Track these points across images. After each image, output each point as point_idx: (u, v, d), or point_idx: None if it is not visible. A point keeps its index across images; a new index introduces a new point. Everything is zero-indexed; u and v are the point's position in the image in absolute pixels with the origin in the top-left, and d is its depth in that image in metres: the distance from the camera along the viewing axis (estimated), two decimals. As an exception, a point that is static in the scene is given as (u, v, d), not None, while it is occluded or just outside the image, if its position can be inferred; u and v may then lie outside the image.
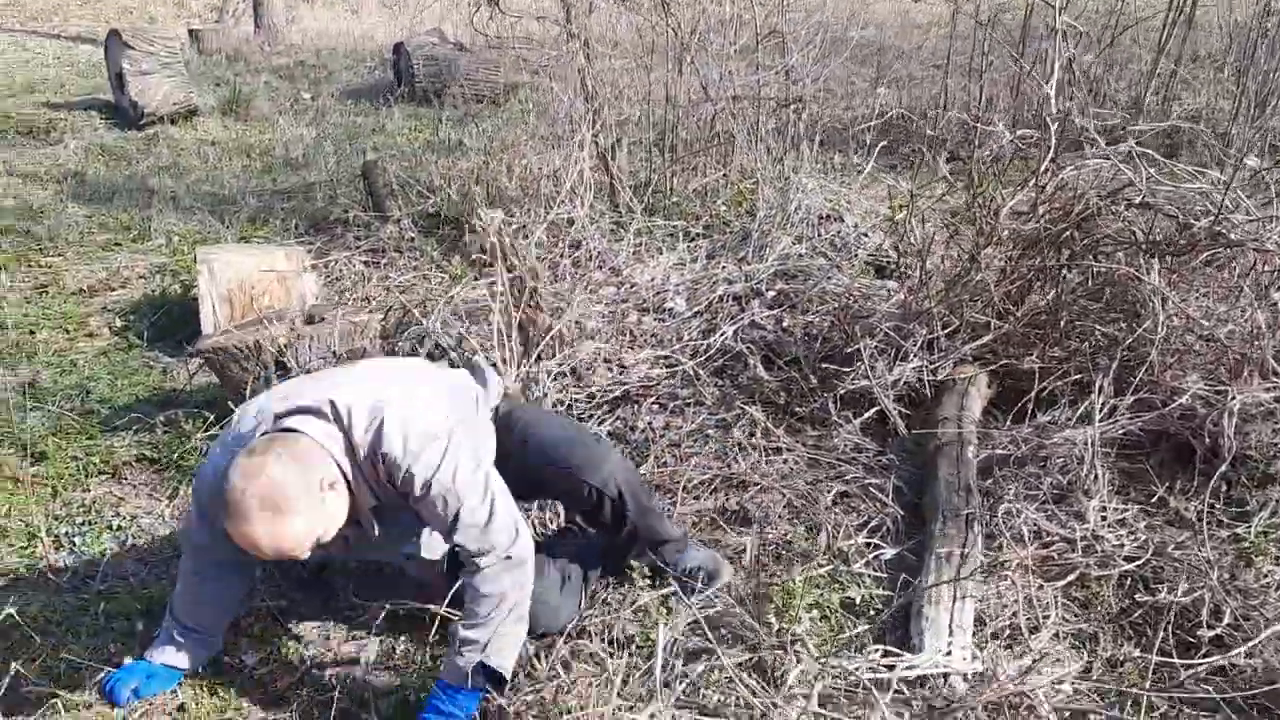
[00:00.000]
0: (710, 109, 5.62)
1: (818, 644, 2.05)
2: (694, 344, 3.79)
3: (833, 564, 2.66)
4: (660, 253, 4.61)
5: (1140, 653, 2.30)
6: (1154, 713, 2.13)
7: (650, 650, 2.08)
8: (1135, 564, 2.59)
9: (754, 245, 4.58)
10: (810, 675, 1.75)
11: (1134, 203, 3.31)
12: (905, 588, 2.53)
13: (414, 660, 2.44)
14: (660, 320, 4.03)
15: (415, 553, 2.34)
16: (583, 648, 2.22)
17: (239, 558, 2.15)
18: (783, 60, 5.65)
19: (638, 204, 5.03)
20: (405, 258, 4.90)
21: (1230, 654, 2.16)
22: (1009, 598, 2.51)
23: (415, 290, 4.34)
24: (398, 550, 2.36)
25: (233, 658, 2.49)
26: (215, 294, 4.11)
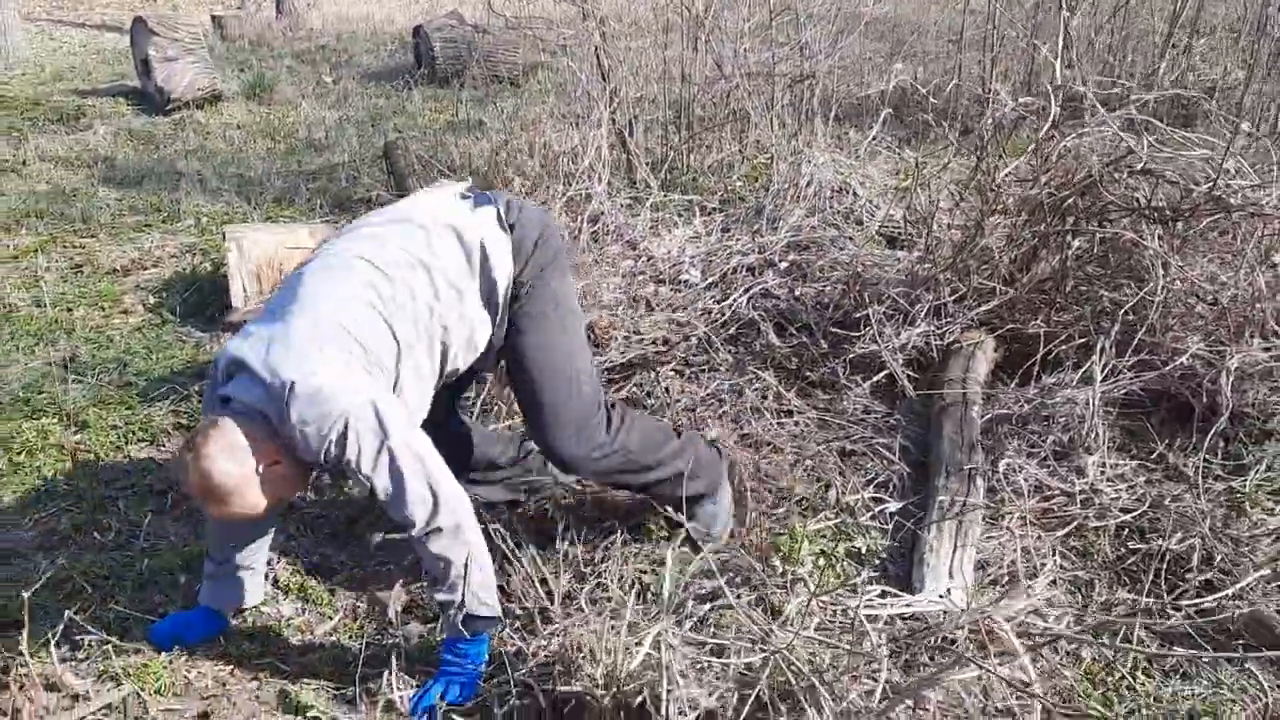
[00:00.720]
0: (725, 86, 5.71)
1: (819, 584, 2.17)
2: (709, 311, 3.90)
3: (839, 517, 2.78)
4: (676, 226, 4.72)
5: (1132, 596, 2.41)
6: (1144, 651, 2.24)
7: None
8: (1131, 515, 2.69)
9: (768, 218, 4.67)
10: (807, 605, 1.87)
11: (1135, 169, 3.38)
12: (909, 539, 2.65)
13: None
14: (676, 290, 4.13)
15: None
16: (599, 595, 2.34)
17: None
18: (796, 37, 5.73)
19: (654, 180, 5.13)
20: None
21: (1218, 595, 2.26)
22: (1009, 547, 2.61)
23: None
24: None
25: (271, 608, 2.63)
26: (244, 270, 4.26)
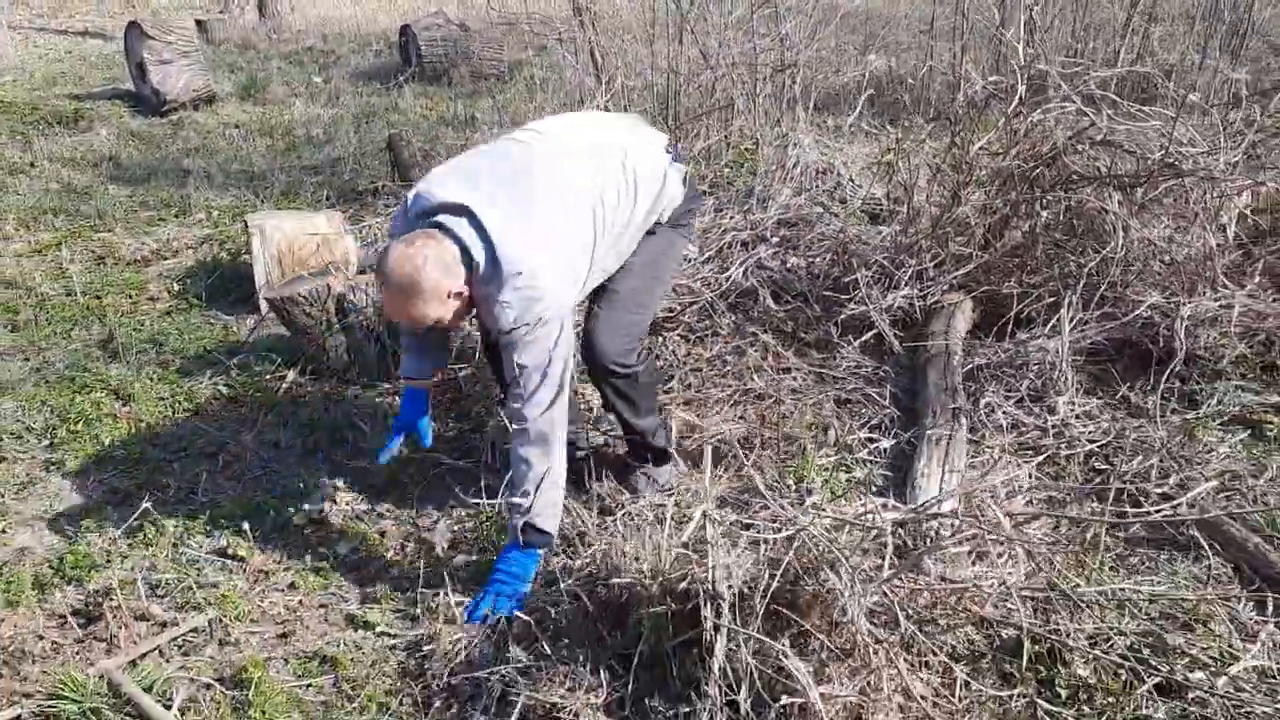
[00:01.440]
0: (710, 76, 6.01)
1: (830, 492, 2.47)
2: (709, 282, 4.20)
3: (839, 454, 3.09)
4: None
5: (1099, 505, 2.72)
6: (1109, 553, 2.56)
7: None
8: (1098, 445, 3.01)
9: (757, 198, 4.98)
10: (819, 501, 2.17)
11: (1095, 140, 3.71)
12: (903, 470, 2.96)
13: (480, 538, 2.86)
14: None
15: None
16: (633, 519, 2.63)
17: None
18: (776, 29, 6.04)
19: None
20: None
21: (1174, 504, 2.58)
22: (990, 473, 2.92)
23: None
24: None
25: (328, 549, 2.91)
26: (267, 255, 4.51)
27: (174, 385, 3.83)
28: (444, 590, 2.56)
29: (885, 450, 3.14)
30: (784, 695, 1.70)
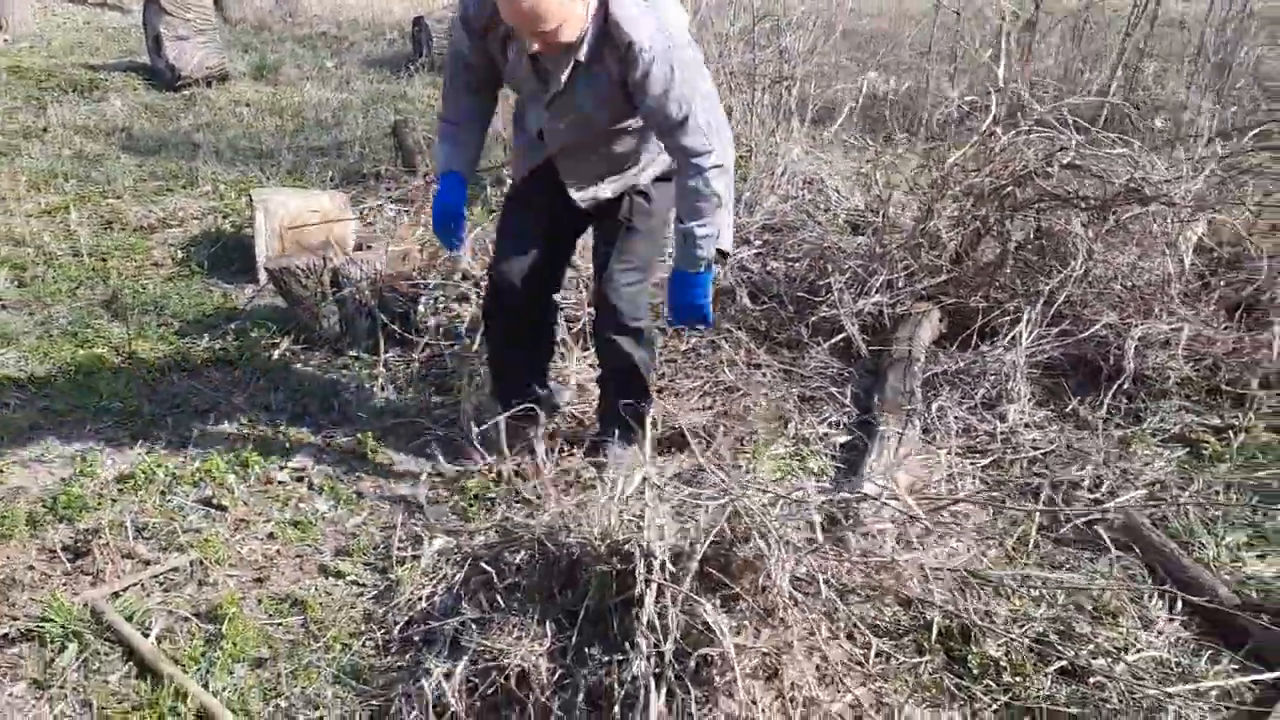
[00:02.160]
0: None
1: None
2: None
3: (796, 445, 3.26)
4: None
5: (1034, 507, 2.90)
6: (1038, 550, 2.73)
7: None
8: (1041, 452, 3.18)
9: (745, 203, 5.16)
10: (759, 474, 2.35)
11: (1064, 164, 3.89)
12: (854, 463, 3.13)
13: (459, 493, 3.05)
14: (661, 261, 4.60)
15: (593, 197, 2.91)
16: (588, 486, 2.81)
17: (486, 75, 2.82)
18: (777, 41, 6.23)
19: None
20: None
21: (1100, 508, 2.75)
22: (936, 471, 3.10)
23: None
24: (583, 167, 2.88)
25: (307, 505, 3.08)
26: (269, 229, 4.68)
27: (172, 345, 4.00)
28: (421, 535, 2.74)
29: (840, 444, 3.31)
30: (703, 645, 1.86)
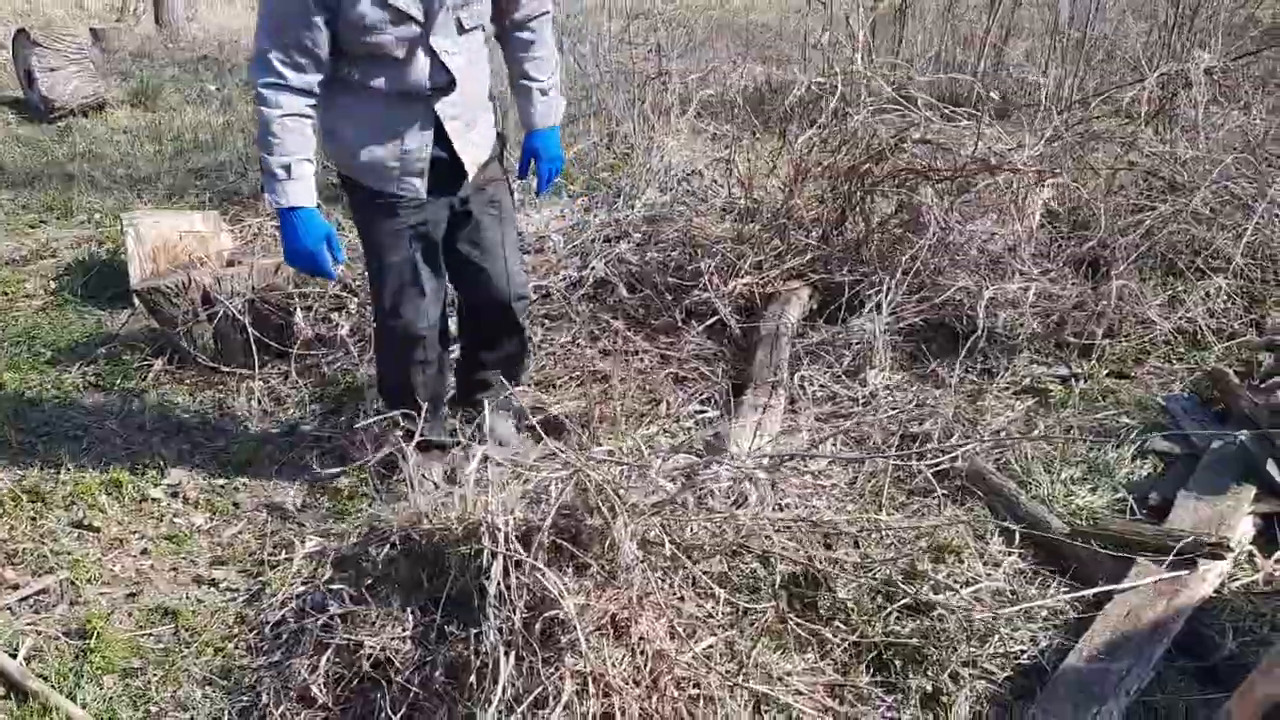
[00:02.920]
0: (587, 84, 6.29)
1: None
2: (570, 276, 4.45)
3: (666, 423, 3.35)
4: (539, 209, 5.26)
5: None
6: (893, 502, 2.86)
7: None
8: (899, 411, 3.32)
9: (625, 197, 5.26)
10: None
11: (916, 140, 4.06)
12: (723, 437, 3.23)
13: (332, 497, 3.08)
14: (543, 258, 4.67)
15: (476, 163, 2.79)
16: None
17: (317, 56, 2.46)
18: (653, 40, 6.35)
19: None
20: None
21: (947, 457, 2.89)
22: (800, 438, 3.21)
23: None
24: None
25: (182, 519, 3.08)
26: (141, 253, 4.63)
27: (43, 374, 3.95)
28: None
29: (711, 420, 3.41)
30: (550, 610, 1.94)
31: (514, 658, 1.95)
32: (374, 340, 3.19)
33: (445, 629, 2.19)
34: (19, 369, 3.98)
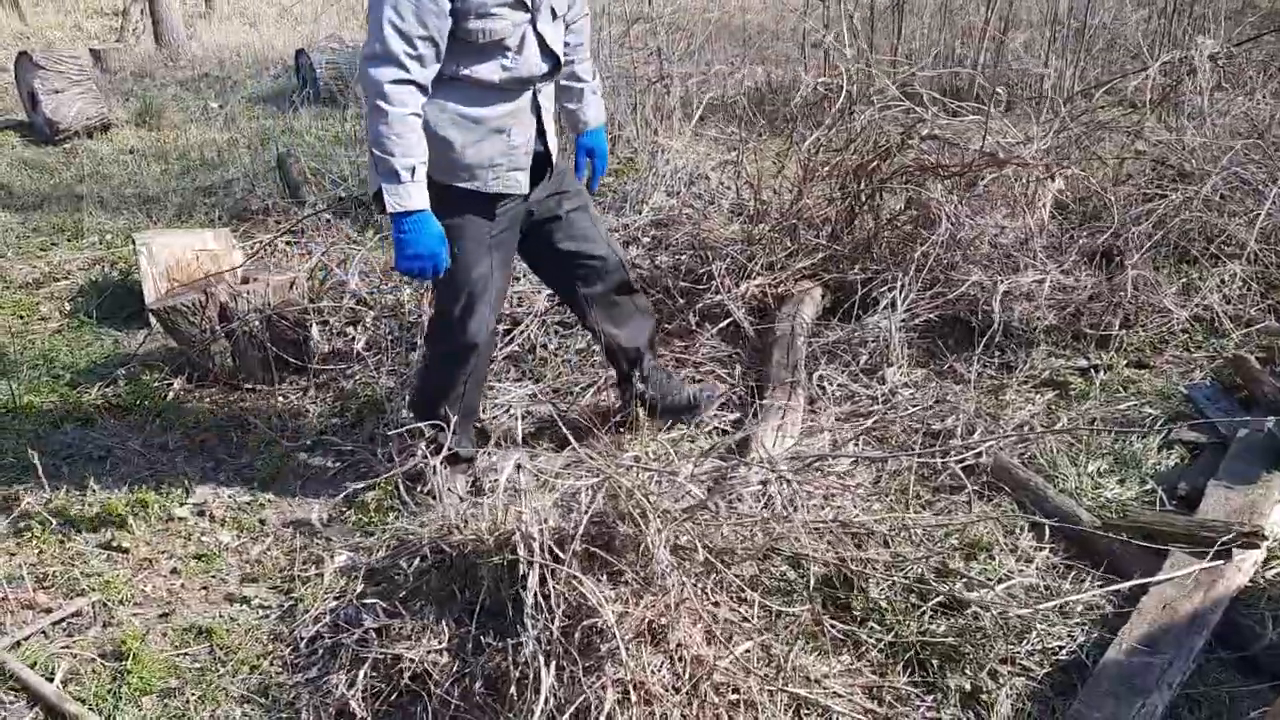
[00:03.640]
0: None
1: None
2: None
3: (690, 427, 3.36)
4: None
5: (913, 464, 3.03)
6: (919, 500, 2.86)
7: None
8: (920, 408, 3.33)
9: (632, 202, 5.27)
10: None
11: (924, 136, 4.06)
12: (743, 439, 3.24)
13: (359, 510, 3.09)
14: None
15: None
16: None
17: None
18: (654, 45, 6.36)
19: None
20: (322, 236, 5.46)
21: (972, 452, 2.89)
22: (822, 438, 3.22)
23: (332, 254, 4.91)
24: None
25: (210, 537, 3.09)
26: (155, 272, 4.65)
27: (63, 396, 3.96)
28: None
29: (731, 423, 3.41)
30: (588, 618, 1.94)
31: (554, 667, 1.95)
32: (429, 348, 3.08)
33: (482, 640, 2.19)
34: (39, 391, 3.99)
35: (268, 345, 3.85)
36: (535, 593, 2.00)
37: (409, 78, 2.43)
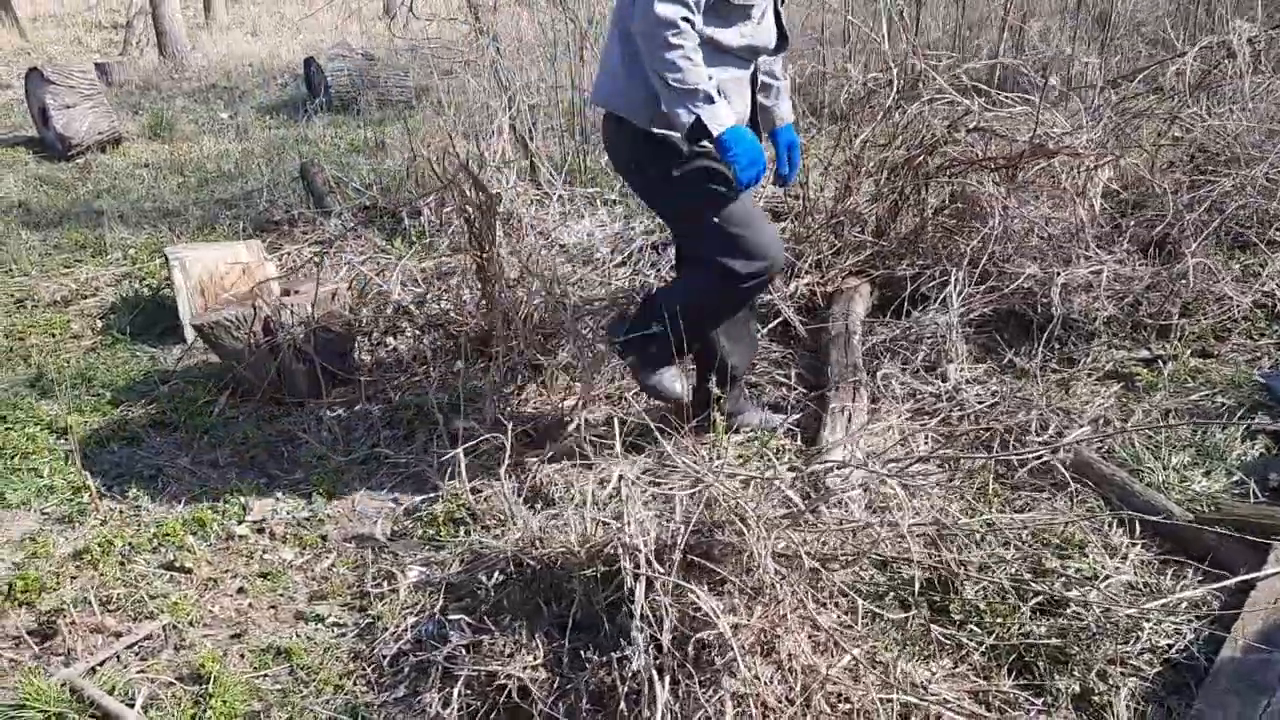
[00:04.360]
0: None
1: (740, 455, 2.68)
2: (621, 288, 4.40)
3: (752, 430, 3.30)
4: (583, 217, 5.22)
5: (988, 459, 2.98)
6: (998, 497, 2.81)
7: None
8: (986, 405, 3.28)
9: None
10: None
11: (970, 128, 4.01)
12: (810, 441, 3.19)
13: (426, 524, 3.05)
14: (588, 265, 4.63)
15: None
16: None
17: None
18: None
19: (558, 178, 5.62)
20: (351, 246, 5.41)
21: (1050, 448, 2.84)
22: (889, 437, 3.17)
23: (368, 265, 4.86)
24: None
25: (272, 555, 3.03)
26: (189, 286, 4.60)
27: (108, 416, 3.91)
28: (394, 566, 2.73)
29: (793, 424, 3.36)
30: (699, 630, 1.89)
31: (668, 681, 1.90)
32: (716, 281, 2.89)
33: (582, 655, 2.14)
34: (83, 412, 3.94)
35: (314, 358, 3.79)
36: (643, 605, 1.95)
37: (691, 17, 2.54)
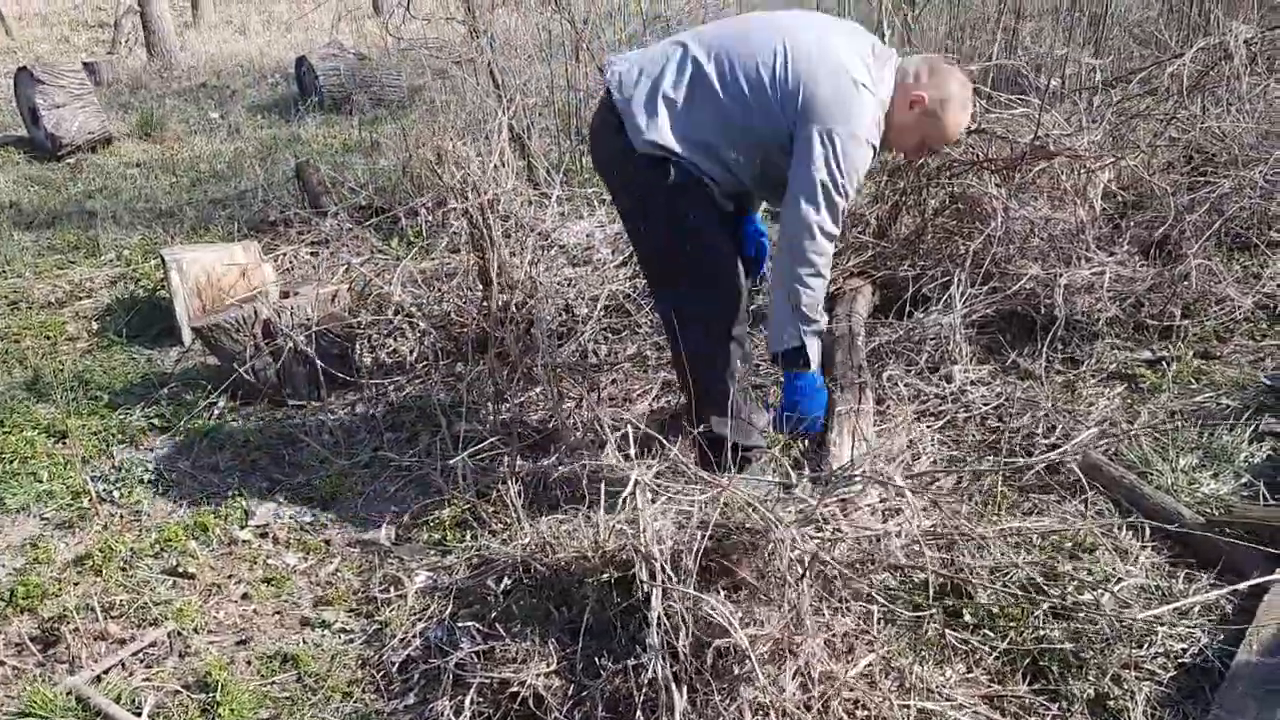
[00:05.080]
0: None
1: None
2: (622, 289, 4.38)
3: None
4: (581, 217, 5.20)
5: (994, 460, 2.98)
6: (1006, 500, 2.80)
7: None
8: (991, 406, 3.27)
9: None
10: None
11: (971, 129, 4.00)
12: (815, 445, 3.18)
13: (431, 528, 3.03)
14: (589, 265, 4.61)
15: None
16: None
17: None
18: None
19: (555, 178, 5.60)
20: (348, 246, 5.38)
21: (1059, 451, 2.84)
22: (896, 439, 3.16)
23: (367, 266, 4.83)
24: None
25: (276, 560, 3.01)
26: (186, 288, 4.57)
27: (105, 419, 3.87)
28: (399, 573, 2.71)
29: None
30: (717, 638, 1.88)
31: (686, 689, 1.89)
32: (695, 345, 2.88)
33: (597, 662, 2.13)
34: (80, 414, 3.90)
35: (315, 360, 3.77)
36: (660, 613, 1.94)
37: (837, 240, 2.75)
